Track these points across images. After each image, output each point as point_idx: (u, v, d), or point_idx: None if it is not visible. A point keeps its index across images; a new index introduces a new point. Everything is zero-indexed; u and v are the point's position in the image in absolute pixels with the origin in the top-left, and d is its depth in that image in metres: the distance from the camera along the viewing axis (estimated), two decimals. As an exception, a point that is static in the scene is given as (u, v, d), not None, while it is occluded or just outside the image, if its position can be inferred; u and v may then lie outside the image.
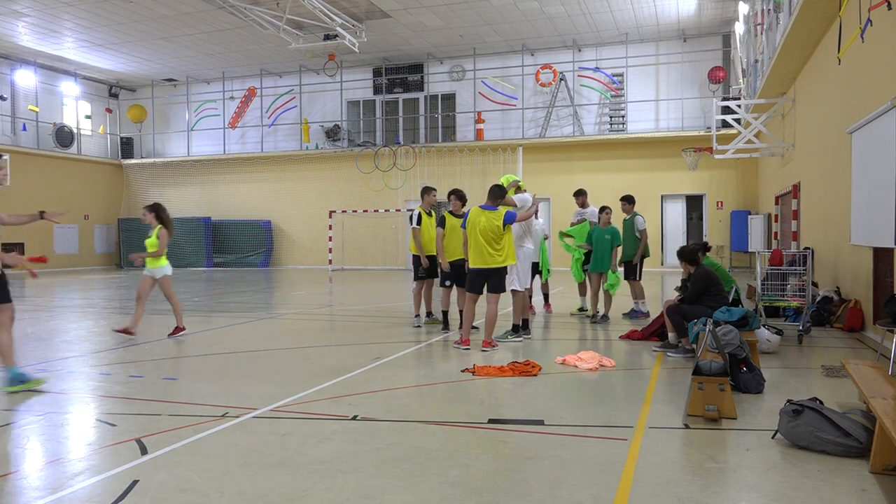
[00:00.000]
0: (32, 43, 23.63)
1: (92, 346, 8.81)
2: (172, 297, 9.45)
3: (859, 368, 5.05)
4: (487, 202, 8.12)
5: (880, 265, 8.57)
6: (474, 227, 7.97)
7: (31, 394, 6.05)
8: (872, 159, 7.95)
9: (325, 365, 7.23)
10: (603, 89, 24.43)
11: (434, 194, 10.12)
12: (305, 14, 19.59)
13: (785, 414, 4.47)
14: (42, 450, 4.59)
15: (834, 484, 3.80)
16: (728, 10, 20.95)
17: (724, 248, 23.20)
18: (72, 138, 27.67)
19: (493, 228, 7.89)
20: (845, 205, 9.62)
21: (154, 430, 4.81)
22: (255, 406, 5.46)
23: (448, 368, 7.05)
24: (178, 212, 28.81)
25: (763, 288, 9.41)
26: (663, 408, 5.41)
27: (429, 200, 10.02)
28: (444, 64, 26.25)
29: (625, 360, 7.41)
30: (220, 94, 28.90)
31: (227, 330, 10.15)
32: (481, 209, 8.03)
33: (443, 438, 4.67)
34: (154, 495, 3.66)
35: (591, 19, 21.82)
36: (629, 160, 23.83)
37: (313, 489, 3.74)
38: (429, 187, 10.19)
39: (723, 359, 5.50)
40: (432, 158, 25.64)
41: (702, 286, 7.49)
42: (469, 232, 8.06)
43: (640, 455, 4.25)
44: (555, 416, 5.17)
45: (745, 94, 19.36)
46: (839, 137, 10.21)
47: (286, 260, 28.22)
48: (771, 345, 7.64)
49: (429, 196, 10.05)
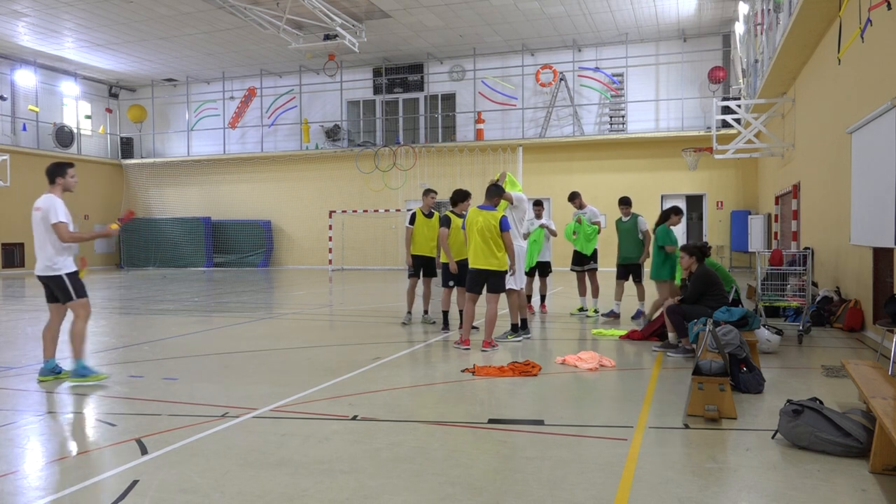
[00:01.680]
0: (32, 43, 23.63)
1: (92, 346, 8.80)
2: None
3: (859, 368, 5.05)
4: (485, 202, 8.15)
5: (880, 265, 8.57)
6: (472, 226, 8.02)
7: (31, 393, 6.05)
8: (872, 159, 7.95)
9: (325, 365, 7.23)
10: (603, 89, 24.43)
11: (433, 196, 10.17)
12: (305, 14, 19.59)
13: (785, 414, 4.47)
14: (42, 450, 4.59)
15: (834, 484, 3.79)
16: (728, 10, 20.95)
17: (724, 248, 23.21)
18: (72, 138, 27.67)
19: (491, 228, 7.92)
20: (845, 205, 9.62)
21: (154, 430, 4.81)
22: (255, 406, 5.46)
23: (448, 368, 7.05)
24: (178, 212, 28.87)
25: (763, 288, 9.41)
26: (663, 408, 5.41)
27: (427, 202, 10.08)
28: (444, 64, 26.25)
29: (625, 360, 7.41)
30: (220, 94, 28.90)
31: (227, 330, 10.15)
32: (479, 209, 8.06)
33: (443, 438, 4.66)
34: (154, 495, 3.66)
35: (591, 19, 21.83)
36: (629, 160, 23.84)
37: (313, 489, 3.74)
38: (429, 189, 10.29)
39: (723, 359, 5.49)
40: (432, 158, 25.64)
41: (702, 286, 7.49)
42: (468, 232, 8.13)
43: (640, 455, 4.25)
44: (555, 416, 5.17)
45: (745, 94, 19.36)
46: (839, 137, 10.21)
47: (286, 260, 28.23)
48: (771, 345, 7.64)
49: (427, 198, 10.13)
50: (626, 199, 11.12)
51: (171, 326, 10.49)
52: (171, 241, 27.99)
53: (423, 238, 9.96)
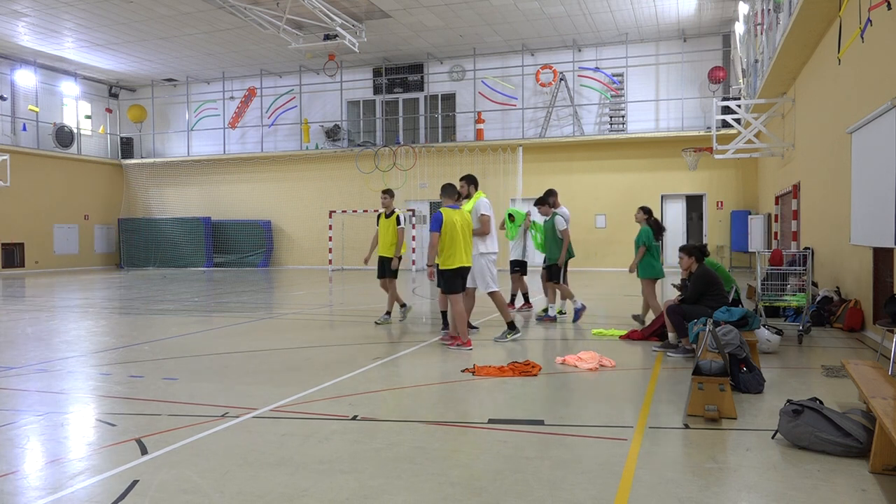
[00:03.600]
0: (32, 43, 23.63)
1: (92, 346, 8.80)
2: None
3: (859, 368, 5.05)
4: (449, 202, 8.31)
5: (880, 265, 8.57)
6: (454, 226, 8.09)
7: (31, 393, 6.05)
8: (872, 159, 7.95)
9: (325, 365, 7.23)
10: (603, 89, 24.43)
11: (386, 197, 10.31)
12: (305, 14, 19.59)
13: (785, 414, 4.47)
14: (42, 450, 4.59)
15: (834, 484, 3.80)
16: (728, 10, 20.95)
17: (724, 248, 23.21)
18: (72, 138, 27.67)
19: (469, 222, 8.32)
20: (845, 205, 9.62)
21: (154, 430, 4.81)
22: (255, 406, 5.46)
23: (448, 368, 7.05)
24: (178, 212, 28.88)
25: (763, 288, 9.41)
26: (663, 408, 5.41)
27: (385, 203, 10.26)
28: (444, 64, 26.25)
29: (625, 360, 7.41)
30: (220, 94, 28.90)
31: (227, 330, 10.15)
32: (451, 209, 8.22)
33: (443, 438, 4.67)
34: (154, 495, 3.66)
35: (591, 19, 21.83)
36: (629, 160, 23.84)
37: (313, 489, 3.74)
38: (386, 190, 10.43)
39: (723, 359, 5.50)
40: (432, 158, 25.64)
41: (702, 286, 7.49)
42: (450, 233, 8.09)
43: (640, 455, 4.25)
44: (555, 416, 5.17)
45: (745, 94, 19.36)
46: (839, 137, 10.21)
47: (286, 260, 28.23)
48: (771, 345, 7.64)
49: (384, 198, 10.29)
50: (542, 198, 10.85)
51: (171, 326, 10.49)
52: (171, 241, 28.00)
53: (382, 238, 10.27)
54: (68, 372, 7.02)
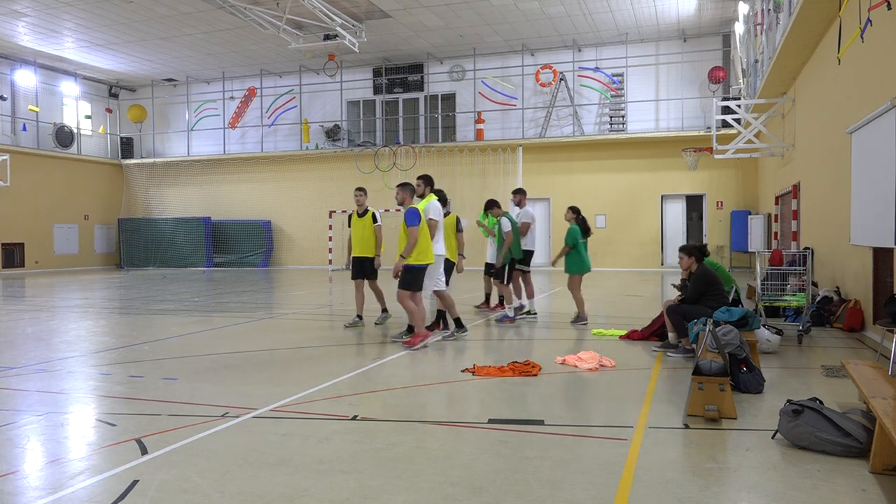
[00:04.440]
0: (32, 43, 23.63)
1: (92, 346, 8.80)
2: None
3: (859, 368, 5.05)
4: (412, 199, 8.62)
5: (880, 265, 8.57)
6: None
7: (31, 393, 6.05)
8: (872, 159, 7.95)
9: (325, 365, 7.24)
10: (603, 89, 24.43)
11: (359, 195, 10.18)
12: (305, 14, 19.59)
13: (785, 414, 4.47)
14: (42, 450, 4.58)
15: (834, 484, 3.80)
16: (728, 10, 20.95)
17: (724, 248, 23.21)
18: (72, 138, 27.67)
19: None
20: (845, 205, 9.62)
21: (154, 430, 4.81)
22: (255, 406, 5.46)
23: (448, 368, 7.05)
24: (178, 212, 28.87)
25: (763, 288, 9.41)
26: (663, 408, 5.41)
27: (357, 201, 10.14)
28: (444, 64, 26.25)
29: (625, 360, 7.41)
30: (220, 94, 28.90)
31: (228, 330, 10.15)
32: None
33: (443, 438, 4.67)
34: (154, 495, 3.66)
35: (591, 19, 21.83)
36: (629, 160, 23.84)
37: (313, 489, 3.74)
38: (359, 188, 10.30)
39: (723, 359, 5.50)
40: (432, 158, 25.63)
41: (702, 286, 7.49)
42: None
43: (640, 455, 4.25)
44: (555, 416, 5.17)
45: (745, 94, 19.36)
46: (839, 137, 10.21)
47: (286, 260, 28.22)
48: (771, 345, 7.64)
49: (357, 196, 10.18)
50: (491, 201, 11.01)
51: (171, 326, 10.49)
52: (171, 241, 28.00)
53: (357, 238, 10.02)
54: (68, 372, 7.02)
